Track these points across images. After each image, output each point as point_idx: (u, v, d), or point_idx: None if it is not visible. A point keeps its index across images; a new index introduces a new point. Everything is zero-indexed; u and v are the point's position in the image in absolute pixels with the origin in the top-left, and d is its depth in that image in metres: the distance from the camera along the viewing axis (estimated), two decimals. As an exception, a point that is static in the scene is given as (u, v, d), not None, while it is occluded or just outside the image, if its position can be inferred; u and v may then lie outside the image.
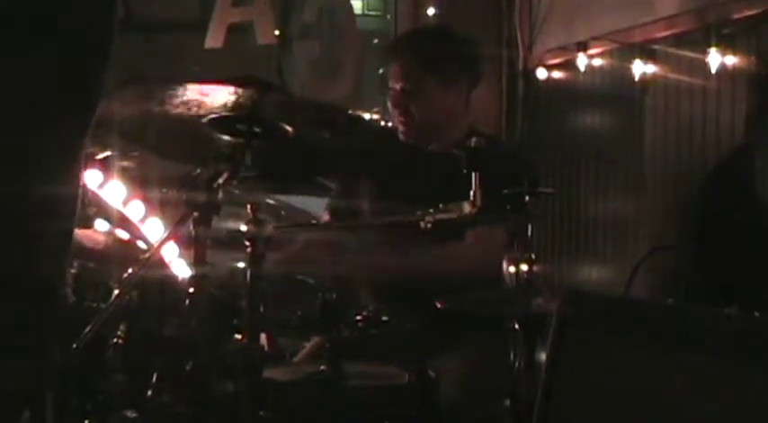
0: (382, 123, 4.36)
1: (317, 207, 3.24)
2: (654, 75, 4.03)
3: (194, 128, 1.98)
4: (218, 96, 1.89)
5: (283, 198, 3.32)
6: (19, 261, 1.39)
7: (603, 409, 1.72)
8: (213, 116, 1.93)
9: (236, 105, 1.91)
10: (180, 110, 1.93)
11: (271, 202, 3.14)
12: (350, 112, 3.42)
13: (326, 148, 2.28)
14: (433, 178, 2.73)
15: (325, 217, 3.06)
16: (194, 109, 1.93)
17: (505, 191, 2.21)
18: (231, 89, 1.87)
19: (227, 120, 1.94)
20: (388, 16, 5.78)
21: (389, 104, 2.95)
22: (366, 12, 5.92)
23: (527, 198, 2.22)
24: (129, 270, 2.19)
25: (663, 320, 1.70)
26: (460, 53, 2.94)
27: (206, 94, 1.90)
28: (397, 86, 2.88)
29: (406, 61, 2.89)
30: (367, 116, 5.31)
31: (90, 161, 2.88)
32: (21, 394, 1.49)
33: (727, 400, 1.56)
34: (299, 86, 5.30)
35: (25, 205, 1.39)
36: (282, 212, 3.25)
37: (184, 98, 1.91)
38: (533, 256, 2.24)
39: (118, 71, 1.54)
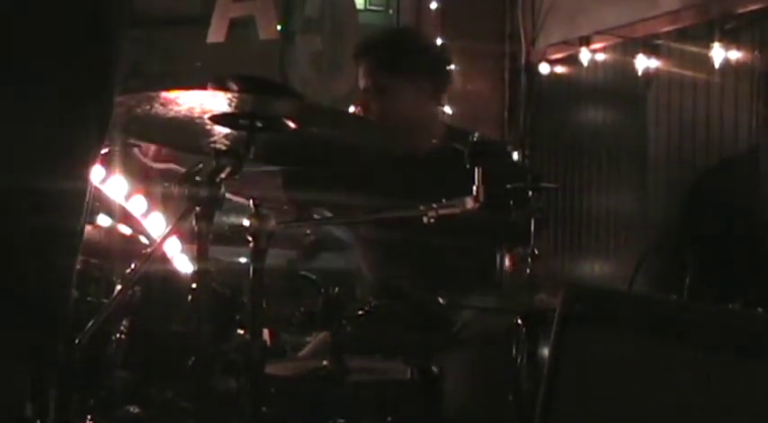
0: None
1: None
2: (657, 69, 4.03)
3: (196, 122, 1.97)
4: (220, 100, 1.89)
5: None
6: (14, 258, 1.36)
7: (606, 404, 1.71)
8: (215, 113, 1.92)
9: (239, 105, 1.90)
10: (181, 109, 1.93)
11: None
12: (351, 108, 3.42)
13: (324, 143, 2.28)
14: (429, 174, 2.72)
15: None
16: (197, 110, 1.92)
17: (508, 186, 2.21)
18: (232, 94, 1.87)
19: (230, 116, 1.93)
20: (391, 11, 5.77)
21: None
22: (368, 6, 5.91)
23: (530, 193, 2.22)
24: (132, 265, 2.18)
25: (666, 316, 1.69)
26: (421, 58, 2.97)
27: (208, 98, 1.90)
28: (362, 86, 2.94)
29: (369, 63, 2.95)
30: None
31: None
32: (19, 403, 1.45)
33: (730, 397, 1.56)
34: (301, 81, 5.29)
35: (19, 202, 1.36)
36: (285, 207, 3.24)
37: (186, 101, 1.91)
38: (536, 252, 2.23)
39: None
